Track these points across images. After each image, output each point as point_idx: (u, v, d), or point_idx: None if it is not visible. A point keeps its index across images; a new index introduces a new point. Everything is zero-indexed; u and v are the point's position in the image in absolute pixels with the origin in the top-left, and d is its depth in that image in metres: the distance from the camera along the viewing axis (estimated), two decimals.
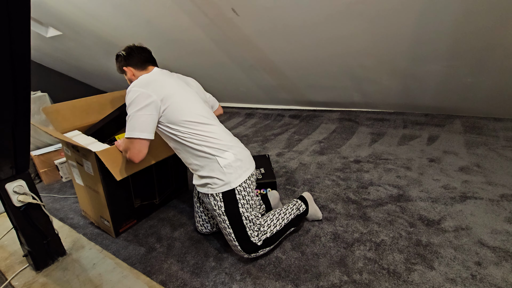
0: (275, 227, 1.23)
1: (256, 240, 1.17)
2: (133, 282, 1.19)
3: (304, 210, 1.38)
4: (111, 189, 1.40)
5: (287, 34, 2.12)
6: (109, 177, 1.34)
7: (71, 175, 1.60)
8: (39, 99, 2.45)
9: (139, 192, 1.56)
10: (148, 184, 1.61)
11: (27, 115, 1.00)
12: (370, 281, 1.09)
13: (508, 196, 1.51)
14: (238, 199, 1.17)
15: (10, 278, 1.27)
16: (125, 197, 1.49)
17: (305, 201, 1.41)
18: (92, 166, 1.36)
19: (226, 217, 1.17)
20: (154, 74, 1.28)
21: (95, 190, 1.43)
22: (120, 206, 1.47)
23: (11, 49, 0.79)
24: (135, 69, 1.33)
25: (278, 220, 1.25)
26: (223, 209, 1.17)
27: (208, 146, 1.17)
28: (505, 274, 1.06)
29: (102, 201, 1.42)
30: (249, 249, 1.17)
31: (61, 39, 3.34)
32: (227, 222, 1.17)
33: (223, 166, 1.16)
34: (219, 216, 1.19)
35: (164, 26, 2.45)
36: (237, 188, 1.17)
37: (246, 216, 1.18)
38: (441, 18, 1.60)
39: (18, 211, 1.19)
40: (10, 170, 1.14)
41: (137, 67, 1.33)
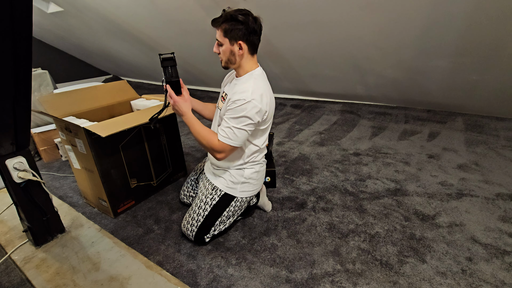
0: (224, 226, 1.31)
1: (208, 238, 1.28)
2: (130, 261, 1.21)
3: (254, 204, 1.46)
4: (105, 167, 1.42)
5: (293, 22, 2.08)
6: (101, 154, 1.38)
7: (69, 160, 1.61)
8: (39, 76, 2.42)
9: (134, 172, 1.57)
10: (143, 163, 1.62)
11: (27, 92, 0.99)
12: (362, 271, 1.12)
13: (504, 195, 1.52)
14: (230, 205, 1.29)
15: (10, 252, 1.30)
16: (120, 175, 1.50)
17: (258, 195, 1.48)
18: (83, 143, 1.37)
19: (209, 208, 1.27)
20: (264, 79, 1.20)
21: (90, 170, 1.45)
22: (115, 184, 1.49)
23: (12, 23, 0.77)
24: (249, 51, 1.13)
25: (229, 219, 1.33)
26: (214, 202, 1.27)
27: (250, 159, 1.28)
28: (494, 270, 1.09)
29: (98, 181, 1.44)
30: (199, 240, 1.28)
31: (63, 16, 3.27)
32: (207, 212, 1.26)
33: (244, 176, 1.28)
34: (204, 202, 1.28)
35: (168, 6, 2.40)
36: (237, 198, 1.29)
37: (222, 220, 1.29)
38: (450, 12, 1.57)
39: (18, 187, 1.20)
40: (10, 147, 1.14)
41: (251, 50, 1.14)
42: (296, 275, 1.11)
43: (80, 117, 1.56)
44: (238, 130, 1.11)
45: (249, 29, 1.08)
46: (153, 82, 5.30)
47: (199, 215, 1.27)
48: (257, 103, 1.09)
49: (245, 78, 1.18)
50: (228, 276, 1.13)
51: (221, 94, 1.32)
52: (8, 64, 0.85)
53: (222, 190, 1.29)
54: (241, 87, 1.14)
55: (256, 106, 1.09)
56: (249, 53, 1.14)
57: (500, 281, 1.04)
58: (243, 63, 1.16)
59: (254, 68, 1.19)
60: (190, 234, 1.27)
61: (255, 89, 1.11)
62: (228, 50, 1.12)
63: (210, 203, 1.27)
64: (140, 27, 2.94)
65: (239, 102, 1.09)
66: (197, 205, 1.30)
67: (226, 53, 1.13)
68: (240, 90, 1.12)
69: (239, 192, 1.29)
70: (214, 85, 4.13)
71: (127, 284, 1.10)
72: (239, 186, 1.28)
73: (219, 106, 1.30)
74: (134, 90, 1.95)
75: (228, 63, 1.17)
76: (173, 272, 1.16)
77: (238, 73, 1.21)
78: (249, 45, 1.12)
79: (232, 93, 1.16)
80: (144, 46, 3.50)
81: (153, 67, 4.33)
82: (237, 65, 1.17)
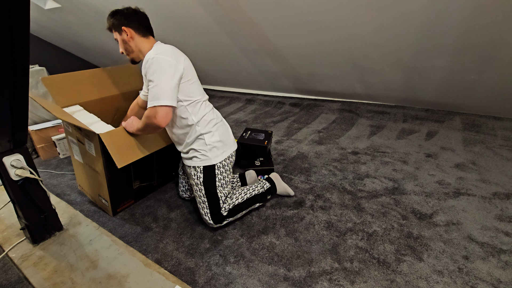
0: (237, 200, 1.38)
1: (223, 211, 1.33)
2: (128, 259, 1.21)
3: (268, 188, 1.51)
4: (112, 172, 1.39)
5: (292, 20, 2.07)
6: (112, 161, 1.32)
7: (70, 151, 1.60)
8: (36, 73, 2.40)
9: (139, 174, 1.56)
10: (149, 167, 1.61)
11: (25, 88, 0.98)
12: (360, 269, 1.12)
13: (501, 194, 1.53)
14: (216, 174, 1.32)
15: (8, 250, 1.29)
16: (125, 179, 1.49)
17: (271, 181, 1.55)
18: (94, 147, 1.34)
19: (203, 187, 1.31)
20: (168, 46, 1.26)
21: (94, 169, 1.43)
22: (119, 187, 1.47)
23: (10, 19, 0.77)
24: (136, 33, 1.25)
25: (240, 194, 1.40)
26: (201, 179, 1.31)
27: (201, 125, 1.30)
28: (490, 268, 1.10)
29: (101, 181, 1.42)
30: (217, 218, 1.32)
31: (60, 12, 3.24)
32: (203, 191, 1.32)
33: (207, 144, 1.30)
34: (196, 185, 1.33)
35: (166, 3, 2.39)
36: (217, 165, 1.32)
37: (220, 190, 1.33)
38: (449, 11, 1.57)
39: (15, 185, 1.19)
40: (7, 144, 1.14)
41: (138, 32, 1.26)
42: (294, 273, 1.12)
43: (87, 107, 1.55)
44: (156, 87, 1.12)
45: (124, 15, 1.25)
46: None
47: (201, 198, 1.33)
48: (162, 56, 1.14)
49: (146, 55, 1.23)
50: (226, 274, 1.13)
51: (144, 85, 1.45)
52: (5, 60, 0.85)
53: (200, 166, 1.32)
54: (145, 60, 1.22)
55: (163, 59, 1.13)
56: (140, 36, 1.25)
57: (496, 280, 1.05)
58: (140, 47, 1.26)
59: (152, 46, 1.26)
60: (210, 223, 1.33)
61: (155, 50, 1.19)
62: (121, 41, 1.27)
63: (199, 182, 1.32)
64: None
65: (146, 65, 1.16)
66: (196, 192, 1.35)
67: (121, 45, 1.28)
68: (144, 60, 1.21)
69: (214, 159, 1.32)
70: (213, 83, 4.12)
71: (125, 282, 1.10)
72: (209, 154, 1.31)
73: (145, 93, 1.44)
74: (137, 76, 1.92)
75: (128, 53, 1.29)
76: (172, 270, 1.16)
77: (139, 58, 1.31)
78: (133, 28, 1.24)
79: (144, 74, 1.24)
80: None
81: None
82: (137, 52, 1.28)
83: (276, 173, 1.66)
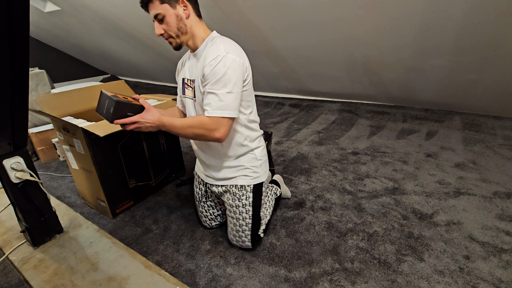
0: (266, 217, 1.29)
1: (261, 232, 1.23)
2: (129, 261, 1.21)
3: (280, 193, 1.48)
4: (103, 167, 1.41)
5: (291, 21, 2.08)
6: (100, 154, 1.38)
7: (67, 161, 1.60)
8: (36, 76, 2.41)
9: (133, 172, 1.57)
10: (141, 163, 1.61)
11: (25, 91, 0.99)
12: (361, 269, 1.12)
13: (501, 193, 1.53)
14: (262, 192, 1.22)
15: (8, 252, 1.29)
16: (118, 175, 1.50)
17: (278, 184, 1.51)
18: (81, 143, 1.37)
19: (251, 208, 1.18)
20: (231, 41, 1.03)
21: (88, 170, 1.44)
22: (114, 185, 1.48)
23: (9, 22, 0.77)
24: (195, 11, 1.00)
25: (267, 210, 1.32)
26: (250, 200, 1.18)
27: (251, 138, 1.16)
28: (492, 268, 1.09)
29: (96, 181, 1.43)
30: (256, 241, 1.22)
31: (60, 15, 3.25)
32: (250, 213, 1.18)
33: (258, 159, 1.18)
34: (243, 206, 1.18)
35: None
36: (264, 182, 1.22)
37: (262, 210, 1.24)
38: (448, 11, 1.57)
39: (15, 187, 1.19)
40: (7, 147, 1.14)
41: (196, 10, 1.01)
42: (294, 274, 1.12)
43: (78, 117, 1.55)
44: (225, 95, 0.94)
45: None
46: (151, 81, 5.28)
47: (245, 220, 1.18)
48: (234, 56, 0.95)
49: (203, 45, 1.02)
50: (227, 275, 1.13)
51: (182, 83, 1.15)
52: (5, 63, 0.85)
53: (250, 185, 1.18)
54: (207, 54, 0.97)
55: (234, 59, 0.94)
56: (196, 15, 1.01)
57: (498, 279, 1.04)
58: (195, 29, 1.01)
59: (209, 32, 1.04)
60: (248, 245, 1.21)
61: (225, 45, 0.97)
62: (173, 16, 0.95)
63: (248, 203, 1.18)
64: (138, 26, 2.93)
65: (215, 62, 0.93)
66: (237, 215, 1.19)
67: (173, 22, 0.96)
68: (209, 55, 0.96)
69: (263, 176, 1.20)
70: None
71: (126, 284, 1.10)
72: (260, 170, 1.19)
73: (187, 95, 1.13)
74: (132, 90, 1.94)
75: (180, 34, 0.98)
76: (172, 272, 1.15)
77: (194, 44, 1.04)
78: (191, 3, 0.98)
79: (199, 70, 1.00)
80: (142, 45, 3.49)
81: (151, 66, 4.31)
82: (190, 35, 1.01)
83: (279, 175, 1.65)
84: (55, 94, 1.65)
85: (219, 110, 0.95)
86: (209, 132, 0.97)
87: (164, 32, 0.97)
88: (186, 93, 1.13)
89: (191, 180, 1.81)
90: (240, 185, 1.18)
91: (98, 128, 1.26)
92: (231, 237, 1.24)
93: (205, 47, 1.02)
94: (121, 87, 1.91)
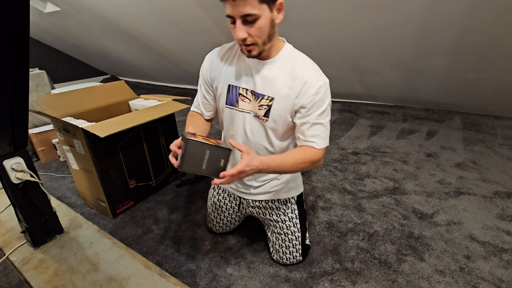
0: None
1: (307, 241, 1.17)
2: (129, 262, 1.21)
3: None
4: (103, 167, 1.41)
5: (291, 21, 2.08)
6: (100, 155, 1.38)
7: (67, 161, 1.61)
8: (36, 77, 2.41)
9: (133, 172, 1.57)
10: (142, 163, 1.62)
11: (25, 92, 0.99)
12: (361, 269, 1.12)
13: (501, 193, 1.53)
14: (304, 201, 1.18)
15: (8, 253, 1.29)
16: (119, 176, 1.50)
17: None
18: (82, 144, 1.37)
19: (298, 221, 1.13)
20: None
21: (89, 170, 1.44)
22: (114, 185, 1.48)
23: (9, 23, 0.77)
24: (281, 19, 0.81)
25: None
26: (296, 212, 1.13)
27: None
28: (492, 268, 1.09)
29: (96, 182, 1.44)
30: (305, 250, 1.15)
31: (60, 15, 3.25)
32: (298, 226, 1.12)
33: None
34: (289, 220, 1.12)
35: (166, 6, 2.39)
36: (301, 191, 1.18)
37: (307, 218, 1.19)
38: (448, 12, 1.58)
39: (16, 188, 1.19)
40: (8, 147, 1.14)
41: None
42: (295, 274, 1.12)
43: (78, 117, 1.56)
44: (329, 123, 0.89)
45: None
46: (151, 82, 5.28)
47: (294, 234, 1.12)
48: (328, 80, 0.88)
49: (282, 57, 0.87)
50: (227, 275, 1.13)
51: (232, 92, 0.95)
52: (5, 64, 0.85)
53: (294, 196, 1.14)
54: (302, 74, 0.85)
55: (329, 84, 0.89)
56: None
57: (498, 279, 1.04)
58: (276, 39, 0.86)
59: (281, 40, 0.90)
60: (297, 260, 1.14)
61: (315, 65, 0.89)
62: (268, 21, 0.76)
63: (295, 216, 1.13)
64: (138, 27, 2.94)
65: (322, 90, 0.84)
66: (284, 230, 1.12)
67: (266, 27, 0.76)
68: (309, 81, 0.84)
69: (301, 186, 1.17)
70: None
71: (126, 285, 1.10)
72: (299, 180, 1.16)
73: (242, 108, 0.95)
74: (132, 90, 1.94)
75: (267, 42, 0.80)
76: (172, 272, 1.15)
77: (268, 53, 0.86)
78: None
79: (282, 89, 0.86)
80: (142, 46, 3.49)
81: (151, 67, 4.31)
82: (272, 43, 0.84)
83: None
84: (55, 94, 1.65)
85: (326, 139, 0.91)
86: (315, 164, 0.91)
87: (249, 36, 0.77)
88: (240, 105, 0.95)
89: (191, 181, 1.82)
90: (283, 199, 1.12)
91: (99, 128, 1.26)
92: (279, 257, 1.13)
93: (285, 60, 0.87)
94: (121, 87, 1.91)
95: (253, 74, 0.90)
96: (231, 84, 0.94)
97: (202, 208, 1.55)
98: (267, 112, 0.91)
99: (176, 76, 4.33)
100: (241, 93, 0.93)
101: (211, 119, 1.11)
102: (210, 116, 1.10)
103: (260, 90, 0.90)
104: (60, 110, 1.58)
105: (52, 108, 1.56)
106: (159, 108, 1.56)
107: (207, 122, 1.09)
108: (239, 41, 0.80)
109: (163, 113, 1.49)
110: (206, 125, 1.07)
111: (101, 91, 1.82)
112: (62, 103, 1.61)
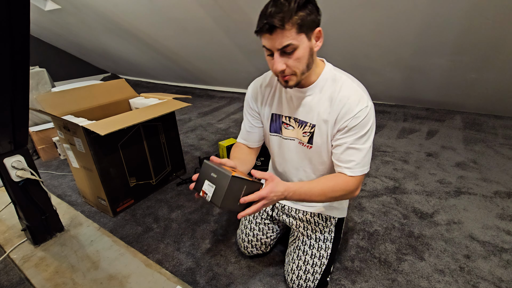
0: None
1: (329, 276, 1.06)
2: (130, 260, 1.22)
3: None
4: (104, 165, 1.42)
5: None
6: (100, 153, 1.38)
7: (68, 159, 1.61)
8: (37, 75, 2.41)
9: (133, 170, 1.57)
10: (142, 162, 1.62)
11: (25, 90, 0.99)
12: (361, 268, 1.12)
13: (502, 193, 1.53)
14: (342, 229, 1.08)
15: (9, 251, 1.29)
16: (119, 174, 1.50)
17: None
18: (82, 142, 1.37)
19: (331, 245, 1.03)
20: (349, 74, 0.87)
21: (89, 169, 1.45)
22: (115, 183, 1.49)
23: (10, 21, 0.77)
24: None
25: None
26: (332, 234, 1.04)
27: None
28: (492, 267, 1.09)
29: (97, 180, 1.44)
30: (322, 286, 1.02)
31: (60, 14, 3.25)
32: (329, 251, 1.02)
33: None
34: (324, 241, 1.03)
35: (166, 4, 2.39)
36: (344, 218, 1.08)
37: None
38: (449, 11, 1.57)
39: (16, 186, 1.19)
40: (8, 145, 1.14)
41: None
42: None
43: (78, 115, 1.56)
44: (368, 150, 0.82)
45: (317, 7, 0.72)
46: (151, 80, 5.28)
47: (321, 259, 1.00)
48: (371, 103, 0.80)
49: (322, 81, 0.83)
50: (228, 274, 1.13)
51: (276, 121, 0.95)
52: (6, 62, 0.85)
53: (335, 217, 1.04)
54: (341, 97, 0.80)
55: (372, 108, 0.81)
56: None
57: (498, 279, 1.04)
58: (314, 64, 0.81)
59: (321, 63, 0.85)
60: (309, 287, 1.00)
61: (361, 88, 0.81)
62: (307, 50, 0.73)
63: (329, 238, 1.03)
64: (138, 25, 2.93)
65: (362, 114, 0.77)
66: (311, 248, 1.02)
67: (305, 57, 0.73)
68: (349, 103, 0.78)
69: (345, 211, 1.07)
70: (213, 83, 4.12)
71: (127, 283, 1.10)
72: (345, 203, 1.07)
73: (286, 135, 0.93)
74: (132, 89, 1.94)
75: (305, 72, 0.76)
76: (173, 271, 1.16)
77: (307, 80, 0.83)
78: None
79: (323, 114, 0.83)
80: (142, 44, 3.48)
81: (151, 65, 4.31)
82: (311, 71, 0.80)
83: None
84: (55, 92, 1.65)
85: (364, 167, 0.83)
86: (350, 193, 0.84)
87: (287, 67, 0.73)
88: (284, 133, 0.94)
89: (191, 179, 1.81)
90: (325, 216, 1.03)
91: (99, 127, 1.26)
92: (291, 278, 1.01)
93: (325, 84, 0.83)
94: (121, 86, 1.91)
95: (294, 102, 0.88)
96: (274, 113, 0.94)
97: (202, 207, 1.56)
98: (310, 139, 0.89)
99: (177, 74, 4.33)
100: (284, 121, 0.93)
101: (257, 148, 1.06)
102: (257, 145, 1.04)
103: (303, 117, 0.88)
104: (61, 108, 1.57)
105: (52, 106, 1.56)
106: (160, 106, 1.56)
107: (251, 152, 1.04)
108: (276, 73, 0.77)
109: (164, 112, 1.49)
110: (250, 155, 1.02)
111: (101, 89, 1.82)
112: (62, 101, 1.61)
